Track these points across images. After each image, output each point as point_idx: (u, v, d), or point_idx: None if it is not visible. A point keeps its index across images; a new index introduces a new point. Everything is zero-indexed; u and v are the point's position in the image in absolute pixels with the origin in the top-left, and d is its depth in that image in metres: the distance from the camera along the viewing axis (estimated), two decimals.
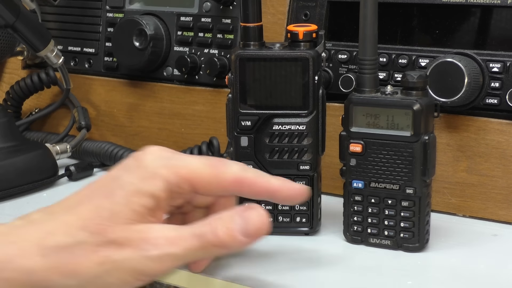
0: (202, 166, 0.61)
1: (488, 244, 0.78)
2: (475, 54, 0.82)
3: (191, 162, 0.61)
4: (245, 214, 0.59)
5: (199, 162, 0.61)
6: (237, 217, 0.59)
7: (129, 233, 0.57)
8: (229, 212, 0.60)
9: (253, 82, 0.78)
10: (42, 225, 0.57)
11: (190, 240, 0.58)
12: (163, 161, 0.60)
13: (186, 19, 1.01)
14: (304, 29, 0.77)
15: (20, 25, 0.95)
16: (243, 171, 0.62)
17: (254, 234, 0.59)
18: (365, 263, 0.74)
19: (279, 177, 0.64)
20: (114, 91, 1.08)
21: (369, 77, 0.75)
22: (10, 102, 1.12)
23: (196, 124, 1.01)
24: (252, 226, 0.59)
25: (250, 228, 0.59)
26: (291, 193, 0.64)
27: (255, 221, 0.59)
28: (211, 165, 0.61)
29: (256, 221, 0.59)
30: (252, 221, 0.59)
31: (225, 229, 0.59)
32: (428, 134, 0.73)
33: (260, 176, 0.63)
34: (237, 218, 0.59)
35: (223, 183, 0.62)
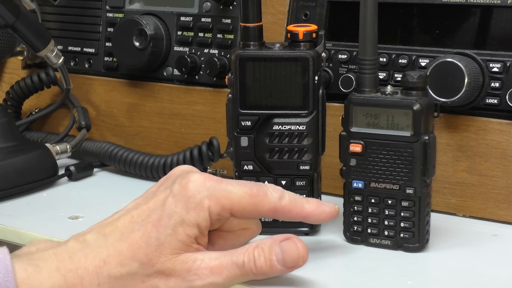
0: (243, 195, 0.64)
1: (488, 244, 0.78)
2: (475, 54, 0.82)
3: (233, 191, 0.64)
4: (284, 245, 0.64)
5: (241, 191, 0.64)
6: (277, 247, 0.64)
7: (175, 264, 0.61)
8: (268, 242, 0.64)
9: (253, 82, 0.78)
10: (97, 251, 0.60)
11: (232, 269, 0.62)
12: (207, 191, 0.63)
13: (186, 19, 1.01)
14: (304, 29, 0.77)
15: (20, 25, 0.95)
16: (280, 199, 0.66)
17: (292, 265, 0.64)
18: (365, 263, 0.74)
19: (312, 201, 0.68)
20: (114, 91, 1.08)
21: (369, 77, 0.75)
22: (10, 102, 1.12)
23: (196, 124, 1.01)
24: (290, 257, 0.64)
25: (288, 260, 0.64)
26: (323, 216, 0.68)
27: (293, 252, 0.64)
28: (251, 194, 0.64)
29: (294, 252, 0.64)
30: (291, 252, 0.64)
31: (264, 260, 0.63)
32: (428, 134, 0.73)
33: (295, 202, 0.67)
34: (276, 249, 0.64)
35: (260, 211, 0.65)
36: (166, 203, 0.62)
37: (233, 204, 0.64)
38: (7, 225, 0.84)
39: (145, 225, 0.61)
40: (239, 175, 0.80)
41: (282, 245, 0.64)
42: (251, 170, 0.79)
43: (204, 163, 0.93)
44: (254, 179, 0.79)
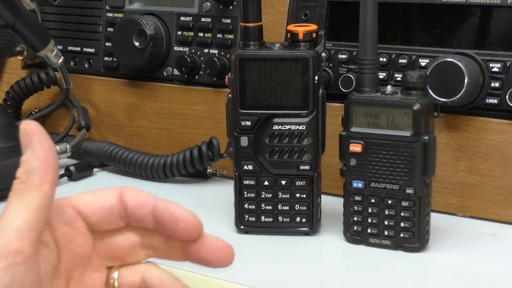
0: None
1: (488, 244, 0.78)
2: (475, 54, 0.82)
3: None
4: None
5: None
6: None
7: None
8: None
9: (253, 82, 0.78)
10: None
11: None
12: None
13: (186, 19, 1.01)
14: (304, 29, 0.77)
15: (20, 25, 0.95)
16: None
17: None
18: (365, 263, 0.74)
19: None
20: (114, 91, 1.08)
21: (369, 77, 0.75)
22: (10, 102, 1.12)
23: (196, 124, 1.01)
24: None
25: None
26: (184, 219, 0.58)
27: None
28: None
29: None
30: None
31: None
32: (428, 134, 0.73)
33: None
34: None
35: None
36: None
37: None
38: None
39: None
40: (239, 175, 0.80)
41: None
42: (251, 170, 0.79)
43: (204, 163, 0.93)
44: (254, 179, 0.79)
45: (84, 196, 0.58)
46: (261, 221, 0.80)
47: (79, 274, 0.58)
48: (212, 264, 0.59)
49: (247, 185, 0.80)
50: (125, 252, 0.61)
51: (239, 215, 0.81)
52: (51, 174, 0.53)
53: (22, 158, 0.54)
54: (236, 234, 0.81)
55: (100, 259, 0.60)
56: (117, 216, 0.59)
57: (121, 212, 0.59)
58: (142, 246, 0.61)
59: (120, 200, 0.59)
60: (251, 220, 0.80)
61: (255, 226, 0.80)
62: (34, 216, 0.52)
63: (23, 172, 0.54)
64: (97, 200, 0.58)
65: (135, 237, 0.60)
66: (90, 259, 0.58)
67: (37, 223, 0.52)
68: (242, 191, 0.80)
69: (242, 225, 0.81)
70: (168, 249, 0.61)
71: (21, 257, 0.51)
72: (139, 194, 0.58)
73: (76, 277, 0.57)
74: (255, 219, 0.80)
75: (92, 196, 0.58)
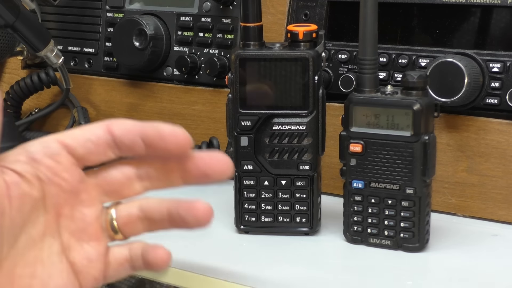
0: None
1: (488, 244, 0.78)
2: (475, 54, 0.82)
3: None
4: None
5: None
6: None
7: None
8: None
9: (253, 82, 0.78)
10: None
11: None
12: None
13: (186, 19, 1.01)
14: (304, 29, 0.77)
15: (20, 25, 0.95)
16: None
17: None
18: (365, 263, 0.74)
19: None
20: (114, 91, 1.08)
21: (369, 77, 0.75)
22: (10, 102, 1.12)
23: (196, 124, 1.01)
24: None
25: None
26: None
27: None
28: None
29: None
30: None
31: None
32: (428, 134, 0.73)
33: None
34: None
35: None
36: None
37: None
38: None
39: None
40: (239, 175, 0.80)
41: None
42: (251, 170, 0.79)
43: None
44: (254, 179, 0.79)
45: (70, 130, 0.59)
46: (261, 221, 0.80)
47: (69, 210, 0.57)
48: (213, 177, 0.59)
49: (247, 185, 0.80)
50: (121, 185, 0.60)
51: (239, 215, 0.81)
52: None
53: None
54: (236, 234, 0.81)
55: (93, 195, 0.59)
56: (105, 146, 0.59)
57: (109, 143, 0.58)
58: (138, 178, 0.60)
59: (107, 131, 0.58)
60: (251, 220, 0.80)
61: (255, 226, 0.80)
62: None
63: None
64: (83, 132, 0.58)
65: (129, 169, 0.60)
66: (78, 194, 0.58)
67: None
68: (242, 191, 0.80)
69: (242, 225, 0.81)
70: (165, 174, 0.60)
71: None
72: (125, 121, 0.59)
73: (66, 213, 0.57)
74: (255, 219, 0.80)
75: (79, 130, 0.58)
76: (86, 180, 0.59)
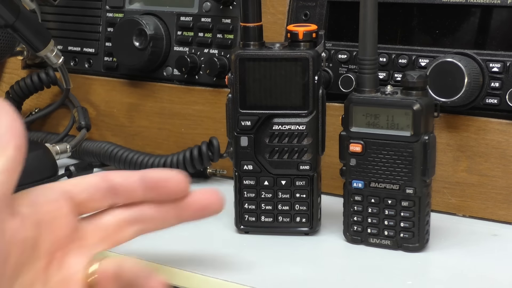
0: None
1: (488, 244, 0.78)
2: (475, 54, 0.82)
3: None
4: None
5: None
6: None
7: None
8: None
9: (253, 82, 0.78)
10: None
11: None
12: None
13: (186, 19, 1.01)
14: (304, 29, 0.77)
15: (20, 25, 0.95)
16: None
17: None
18: (365, 263, 0.74)
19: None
20: (114, 91, 1.08)
21: (369, 77, 0.75)
22: (10, 102, 1.12)
23: (196, 124, 1.01)
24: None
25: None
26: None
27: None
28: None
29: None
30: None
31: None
32: (428, 134, 0.73)
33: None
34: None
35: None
36: None
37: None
38: None
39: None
40: (239, 175, 0.80)
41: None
42: (251, 170, 0.79)
43: (204, 163, 0.93)
44: (254, 179, 0.79)
45: (70, 179, 0.61)
46: (261, 221, 0.80)
47: (60, 256, 0.58)
48: (211, 208, 0.62)
49: (247, 185, 0.80)
50: (114, 230, 0.62)
51: (239, 215, 0.81)
52: (15, 140, 0.54)
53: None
54: (236, 234, 0.81)
55: (85, 244, 0.60)
56: (102, 193, 0.60)
57: (107, 190, 0.60)
58: (130, 222, 0.62)
59: (104, 179, 0.60)
60: (251, 220, 0.80)
61: (255, 226, 0.80)
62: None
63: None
64: (83, 179, 0.61)
65: (121, 212, 0.62)
66: (71, 242, 0.59)
67: (1, 185, 0.52)
68: (242, 191, 0.80)
69: (242, 225, 0.81)
70: (161, 215, 0.62)
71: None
72: (122, 171, 0.61)
73: (57, 258, 0.57)
74: (255, 219, 0.80)
75: (79, 178, 0.61)
76: (80, 227, 0.60)
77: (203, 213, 0.63)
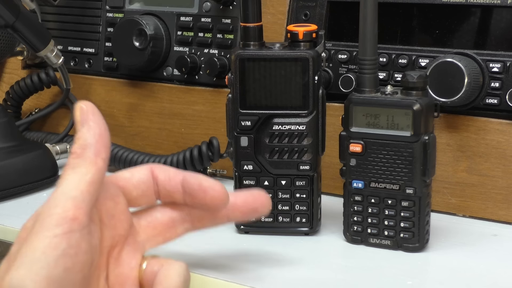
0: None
1: (488, 244, 0.78)
2: (475, 54, 0.82)
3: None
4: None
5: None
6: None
7: None
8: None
9: (253, 82, 0.78)
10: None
11: None
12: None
13: (186, 19, 1.01)
14: (304, 29, 0.77)
15: (20, 25, 0.95)
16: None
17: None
18: (365, 263, 0.74)
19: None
20: (114, 91, 1.08)
21: (369, 77, 0.75)
22: (10, 102, 1.12)
23: (196, 124, 1.01)
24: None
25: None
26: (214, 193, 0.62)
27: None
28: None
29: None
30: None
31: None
32: (428, 134, 0.73)
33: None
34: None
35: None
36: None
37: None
38: (7, 225, 0.84)
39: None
40: (239, 175, 0.80)
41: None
42: (251, 170, 0.79)
43: (204, 163, 0.93)
44: (254, 179, 0.79)
45: (120, 173, 0.61)
46: (261, 221, 0.80)
47: (117, 252, 0.59)
48: (260, 211, 0.64)
49: (247, 185, 0.80)
50: (165, 228, 0.63)
51: None
52: (105, 150, 0.56)
53: (77, 135, 0.57)
54: (236, 234, 0.81)
55: (138, 239, 0.61)
56: (152, 190, 0.61)
57: (154, 187, 0.61)
58: (180, 220, 0.64)
59: (152, 176, 0.61)
60: (251, 220, 0.80)
61: (255, 226, 0.80)
62: (88, 188, 0.54)
63: (79, 148, 0.56)
64: (133, 175, 0.61)
65: (172, 211, 0.63)
66: (127, 237, 0.60)
67: (91, 196, 0.54)
68: None
69: (242, 225, 0.81)
70: (210, 215, 0.64)
71: (77, 224, 0.52)
72: (167, 168, 0.62)
73: (114, 255, 0.59)
74: (255, 219, 0.80)
75: (128, 173, 0.62)
76: (133, 224, 0.61)
77: (253, 214, 0.65)
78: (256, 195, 0.65)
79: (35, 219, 0.54)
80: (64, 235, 0.51)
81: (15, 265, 0.51)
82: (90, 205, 0.54)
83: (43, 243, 0.51)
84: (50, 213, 0.52)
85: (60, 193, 0.54)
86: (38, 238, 0.51)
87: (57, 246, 0.51)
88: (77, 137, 0.57)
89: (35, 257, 0.50)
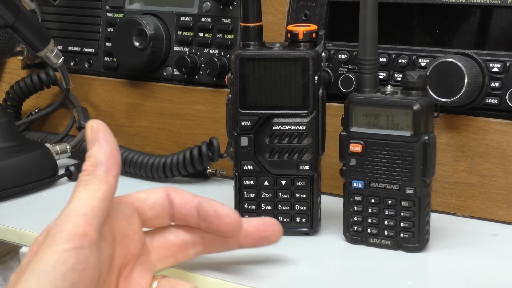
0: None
1: (488, 244, 0.78)
2: (475, 54, 0.82)
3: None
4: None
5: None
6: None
7: None
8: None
9: (253, 82, 0.78)
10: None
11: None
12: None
13: (186, 19, 1.01)
14: (304, 29, 0.77)
15: (20, 25, 0.95)
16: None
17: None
18: (365, 263, 0.74)
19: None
20: (114, 91, 1.08)
21: (369, 77, 0.75)
22: (10, 102, 1.12)
23: (196, 124, 1.01)
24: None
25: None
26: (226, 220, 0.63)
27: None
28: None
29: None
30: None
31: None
32: (428, 134, 0.73)
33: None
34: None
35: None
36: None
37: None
38: (7, 225, 0.84)
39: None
40: (239, 175, 0.80)
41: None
42: (251, 170, 0.79)
43: (204, 163, 0.93)
44: (254, 179, 0.79)
45: (136, 194, 0.62)
46: None
47: (128, 271, 0.60)
48: (271, 240, 0.67)
49: (247, 185, 0.80)
50: (177, 250, 0.64)
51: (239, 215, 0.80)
52: (115, 168, 0.57)
53: (88, 153, 0.58)
54: None
55: (151, 259, 0.61)
56: (167, 213, 0.62)
57: (169, 209, 0.62)
58: (193, 243, 0.64)
59: (167, 198, 0.62)
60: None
61: None
62: (99, 205, 0.55)
63: (90, 165, 0.58)
64: (149, 197, 0.62)
65: (185, 234, 0.64)
66: (139, 257, 0.61)
67: (101, 212, 0.55)
68: (242, 191, 0.80)
69: None
70: (222, 240, 0.65)
71: (87, 240, 0.53)
72: (184, 192, 0.63)
73: (125, 274, 0.59)
74: None
75: (144, 194, 0.63)
76: (146, 243, 0.62)
77: (263, 242, 0.67)
78: (268, 224, 0.67)
79: (46, 233, 0.55)
80: (74, 250, 0.52)
81: (25, 277, 0.52)
82: (101, 221, 0.55)
83: (52, 257, 0.52)
84: (61, 229, 0.54)
85: (72, 209, 0.55)
86: (48, 252, 0.52)
87: (66, 260, 0.52)
88: (88, 154, 0.58)
89: (44, 271, 0.52)
